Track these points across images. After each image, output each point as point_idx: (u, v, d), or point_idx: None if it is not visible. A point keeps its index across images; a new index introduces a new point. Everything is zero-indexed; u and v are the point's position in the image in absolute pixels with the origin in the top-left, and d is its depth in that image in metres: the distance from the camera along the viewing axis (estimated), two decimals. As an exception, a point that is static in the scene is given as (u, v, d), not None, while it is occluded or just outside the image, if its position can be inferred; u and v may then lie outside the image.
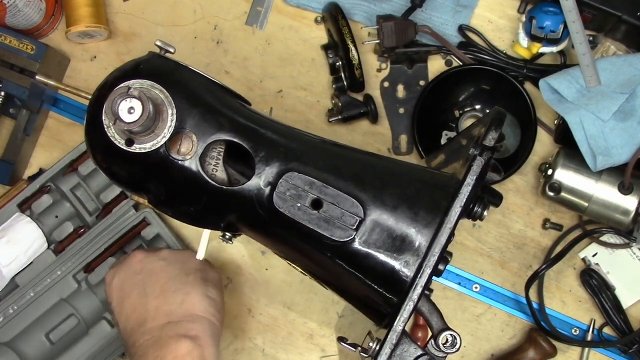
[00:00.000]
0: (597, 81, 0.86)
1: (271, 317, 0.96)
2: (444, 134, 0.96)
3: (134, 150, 0.64)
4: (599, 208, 0.87)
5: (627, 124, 0.84)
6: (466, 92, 0.96)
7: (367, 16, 0.97)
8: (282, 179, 0.64)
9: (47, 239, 0.94)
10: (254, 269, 0.97)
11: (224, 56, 0.99)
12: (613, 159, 0.84)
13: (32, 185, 0.94)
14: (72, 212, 0.96)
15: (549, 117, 0.95)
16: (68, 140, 0.99)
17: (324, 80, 0.98)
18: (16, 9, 0.92)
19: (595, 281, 0.92)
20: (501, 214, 0.95)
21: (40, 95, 0.96)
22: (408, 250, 0.62)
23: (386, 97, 0.97)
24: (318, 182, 0.64)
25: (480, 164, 0.62)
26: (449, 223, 0.61)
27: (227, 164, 0.70)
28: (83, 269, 0.93)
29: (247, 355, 0.96)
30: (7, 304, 0.91)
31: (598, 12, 0.88)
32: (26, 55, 0.92)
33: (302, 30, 0.99)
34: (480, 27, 0.96)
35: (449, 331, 0.63)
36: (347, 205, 0.63)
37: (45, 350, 0.93)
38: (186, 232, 0.97)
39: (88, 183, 0.95)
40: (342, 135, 0.97)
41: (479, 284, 0.95)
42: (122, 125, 0.61)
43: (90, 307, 0.94)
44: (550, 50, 0.92)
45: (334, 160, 0.68)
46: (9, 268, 0.92)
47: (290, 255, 0.72)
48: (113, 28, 1.00)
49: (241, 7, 0.99)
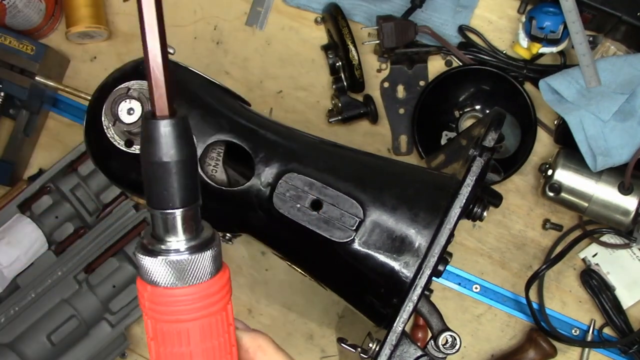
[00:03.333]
0: (596, 81, 0.86)
1: (271, 317, 0.96)
2: (444, 134, 0.96)
3: (134, 150, 0.64)
4: (599, 208, 0.87)
5: (627, 124, 0.84)
6: (466, 92, 0.96)
7: (367, 16, 0.97)
8: (281, 180, 0.64)
9: (47, 239, 0.94)
10: (254, 269, 0.97)
11: (224, 56, 0.99)
12: (613, 159, 0.84)
13: (32, 186, 0.94)
14: (72, 212, 0.96)
15: (549, 117, 0.95)
16: (68, 141, 0.99)
17: (323, 81, 0.98)
18: (16, 9, 0.92)
19: (595, 281, 0.92)
20: (501, 214, 0.95)
21: (40, 96, 0.96)
22: (407, 250, 0.62)
23: (386, 97, 0.97)
24: (317, 182, 0.64)
25: (479, 165, 0.62)
26: (449, 223, 0.61)
27: (227, 165, 0.69)
28: (83, 270, 0.93)
29: (247, 355, 0.96)
30: (8, 305, 0.91)
31: (598, 12, 0.88)
32: (26, 56, 0.92)
33: (302, 31, 0.98)
34: (480, 27, 0.96)
35: (448, 332, 0.63)
36: (346, 206, 0.63)
37: (46, 351, 0.93)
38: (186, 233, 0.97)
39: (88, 183, 0.95)
40: (342, 135, 0.97)
41: (479, 284, 0.95)
42: (122, 126, 0.61)
43: (91, 308, 0.94)
44: (550, 50, 0.92)
45: (334, 160, 0.68)
46: (10, 269, 0.92)
47: (290, 256, 0.72)
48: (113, 28, 1.00)
49: (241, 8, 0.99)
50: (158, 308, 0.45)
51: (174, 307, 0.44)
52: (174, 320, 0.45)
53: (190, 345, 0.45)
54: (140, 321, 0.96)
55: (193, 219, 0.45)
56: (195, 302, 0.45)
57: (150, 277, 0.44)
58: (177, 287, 0.44)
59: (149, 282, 0.45)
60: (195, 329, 0.45)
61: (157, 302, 0.44)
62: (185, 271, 0.44)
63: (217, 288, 0.46)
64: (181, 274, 0.44)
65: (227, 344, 0.47)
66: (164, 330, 0.45)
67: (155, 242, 0.45)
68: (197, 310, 0.45)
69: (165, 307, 0.44)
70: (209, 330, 0.45)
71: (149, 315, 0.45)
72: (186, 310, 0.44)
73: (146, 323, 0.46)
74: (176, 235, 0.45)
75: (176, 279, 0.44)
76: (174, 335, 0.45)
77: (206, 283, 0.45)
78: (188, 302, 0.44)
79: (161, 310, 0.44)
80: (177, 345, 0.45)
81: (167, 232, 0.45)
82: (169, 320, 0.45)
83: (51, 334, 0.93)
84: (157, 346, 0.45)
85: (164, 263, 0.44)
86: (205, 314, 0.45)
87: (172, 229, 0.45)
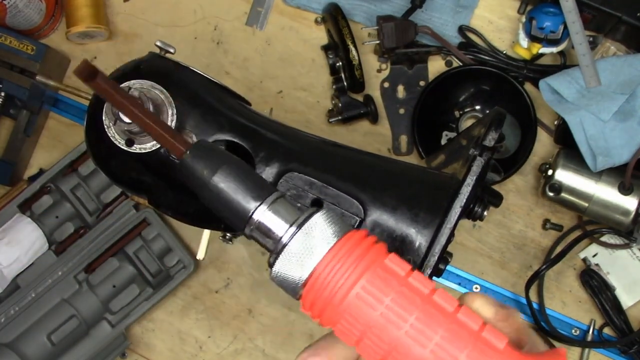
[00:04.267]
0: (596, 81, 0.86)
1: (271, 317, 0.96)
2: (444, 134, 0.96)
3: (134, 150, 0.64)
4: (599, 208, 0.87)
5: (627, 124, 0.84)
6: (466, 93, 0.96)
7: (367, 16, 0.97)
8: (282, 179, 0.64)
9: (47, 239, 0.94)
10: (253, 269, 0.97)
11: (224, 56, 0.99)
12: (613, 159, 0.84)
13: (32, 186, 0.94)
14: (72, 212, 0.96)
15: (549, 117, 0.95)
16: (68, 141, 0.99)
17: (323, 81, 0.98)
18: (16, 9, 0.92)
19: (595, 281, 0.92)
20: (501, 214, 0.95)
21: (40, 96, 0.96)
22: (408, 250, 0.62)
23: (386, 98, 0.97)
24: (318, 182, 0.64)
25: (479, 164, 0.62)
26: (449, 223, 0.61)
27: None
28: (84, 269, 0.93)
29: (247, 355, 0.96)
30: (8, 305, 0.91)
31: (598, 13, 0.88)
32: (26, 56, 0.92)
33: (302, 31, 0.99)
34: (480, 28, 0.96)
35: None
36: (346, 205, 0.63)
37: (46, 351, 0.93)
38: (186, 232, 0.97)
39: (88, 183, 0.95)
40: (342, 135, 0.97)
41: (479, 284, 0.95)
42: (122, 125, 0.61)
43: (91, 308, 0.94)
44: (550, 50, 0.92)
45: (334, 160, 0.68)
46: (10, 269, 0.92)
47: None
48: (113, 28, 1.00)
49: (241, 8, 0.99)
50: (330, 295, 0.38)
51: (335, 280, 0.38)
52: (343, 295, 0.38)
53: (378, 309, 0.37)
54: (140, 321, 0.96)
55: (277, 210, 0.42)
56: (349, 258, 0.39)
57: (296, 280, 0.39)
58: (320, 262, 0.39)
59: (299, 287, 0.39)
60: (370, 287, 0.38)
61: (321, 289, 0.38)
62: (312, 247, 0.39)
63: (354, 240, 0.40)
64: (309, 251, 0.39)
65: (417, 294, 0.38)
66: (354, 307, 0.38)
67: (272, 254, 0.41)
68: (355, 268, 0.38)
69: (331, 287, 0.38)
70: (380, 283, 0.38)
71: (334, 315, 0.38)
72: (346, 276, 0.38)
73: (341, 332, 0.39)
74: (277, 232, 0.41)
75: (310, 256, 0.39)
76: (363, 303, 0.38)
77: (340, 242, 0.39)
78: (343, 263, 0.38)
79: (330, 293, 0.38)
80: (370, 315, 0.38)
81: (268, 236, 0.41)
82: (340, 298, 0.38)
83: (51, 334, 0.93)
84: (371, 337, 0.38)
85: (289, 257, 0.40)
86: (364, 268, 0.39)
87: (269, 230, 0.41)
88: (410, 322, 0.37)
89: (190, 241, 0.97)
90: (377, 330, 0.37)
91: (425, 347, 0.36)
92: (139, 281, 0.95)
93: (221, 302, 0.97)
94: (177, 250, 0.94)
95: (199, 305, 0.97)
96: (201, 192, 0.44)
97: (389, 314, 0.37)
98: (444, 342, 0.36)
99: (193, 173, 0.44)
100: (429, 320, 0.37)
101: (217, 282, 0.97)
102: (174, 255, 0.95)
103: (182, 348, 0.97)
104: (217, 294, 0.97)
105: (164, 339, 0.97)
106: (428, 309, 0.37)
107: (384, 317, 0.37)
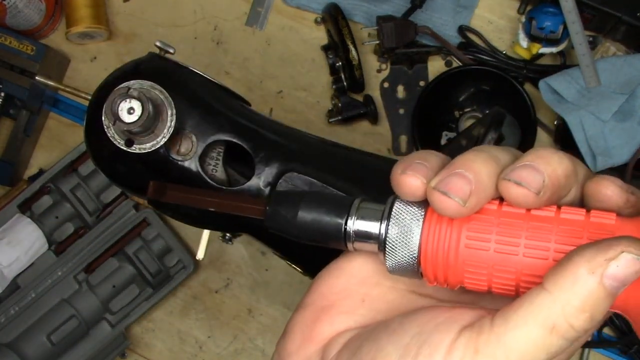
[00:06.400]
0: (596, 81, 0.86)
1: (271, 317, 0.96)
2: (444, 134, 0.96)
3: (134, 150, 0.64)
4: (599, 208, 0.87)
5: (626, 124, 0.84)
6: (466, 93, 0.96)
7: (367, 16, 0.97)
8: (281, 179, 0.64)
9: (47, 239, 0.94)
10: (253, 269, 0.97)
11: (224, 56, 0.99)
12: (613, 159, 0.84)
13: (32, 186, 0.94)
14: (72, 212, 0.96)
15: (549, 117, 0.95)
16: (68, 141, 0.99)
17: (323, 81, 0.98)
18: (16, 9, 0.92)
19: (595, 281, 0.92)
20: (501, 214, 0.95)
21: (40, 96, 0.96)
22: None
23: (386, 98, 0.97)
24: (318, 182, 0.64)
25: (479, 164, 0.62)
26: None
27: (227, 164, 0.70)
28: (83, 270, 0.93)
29: (247, 355, 0.96)
30: (8, 305, 0.91)
31: (598, 13, 0.88)
32: (26, 56, 0.92)
33: (302, 31, 0.99)
34: (480, 28, 0.96)
35: None
36: (346, 206, 0.63)
37: (46, 351, 0.93)
38: (186, 232, 0.97)
39: (88, 183, 0.95)
40: (342, 135, 0.97)
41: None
42: (122, 126, 0.61)
43: (91, 308, 0.94)
44: (549, 50, 0.92)
45: (334, 160, 0.68)
46: (10, 269, 0.92)
47: (290, 256, 0.72)
48: (113, 28, 1.00)
49: (241, 8, 0.99)
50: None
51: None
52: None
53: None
54: (140, 321, 0.96)
55: (363, 215, 0.42)
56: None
57: (410, 262, 0.40)
58: (422, 235, 0.39)
59: (416, 266, 0.40)
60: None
61: (434, 258, 0.39)
62: (408, 227, 0.40)
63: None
64: (408, 232, 0.40)
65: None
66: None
67: (381, 254, 0.41)
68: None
69: (441, 252, 0.39)
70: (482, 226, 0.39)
71: (457, 275, 0.39)
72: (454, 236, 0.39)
73: (471, 284, 0.39)
74: (374, 232, 0.41)
75: (411, 236, 0.39)
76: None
77: (428, 212, 0.40)
78: (439, 226, 0.39)
79: (444, 257, 0.39)
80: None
81: (366, 237, 0.41)
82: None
83: (51, 334, 0.93)
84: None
85: (394, 246, 0.40)
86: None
87: (366, 233, 0.41)
88: (523, 243, 0.38)
89: (190, 241, 0.97)
90: (499, 265, 0.38)
91: (547, 258, 0.38)
92: (139, 281, 0.95)
93: (221, 302, 0.97)
94: (177, 250, 0.95)
95: (198, 306, 0.97)
96: (293, 232, 0.44)
97: (501, 247, 0.38)
98: (559, 245, 0.38)
99: (279, 221, 0.44)
100: (537, 234, 0.38)
101: (217, 282, 0.97)
102: (173, 256, 0.95)
103: (182, 348, 0.97)
104: (217, 294, 0.97)
105: (163, 339, 0.97)
106: (532, 224, 0.38)
107: (498, 252, 0.38)
